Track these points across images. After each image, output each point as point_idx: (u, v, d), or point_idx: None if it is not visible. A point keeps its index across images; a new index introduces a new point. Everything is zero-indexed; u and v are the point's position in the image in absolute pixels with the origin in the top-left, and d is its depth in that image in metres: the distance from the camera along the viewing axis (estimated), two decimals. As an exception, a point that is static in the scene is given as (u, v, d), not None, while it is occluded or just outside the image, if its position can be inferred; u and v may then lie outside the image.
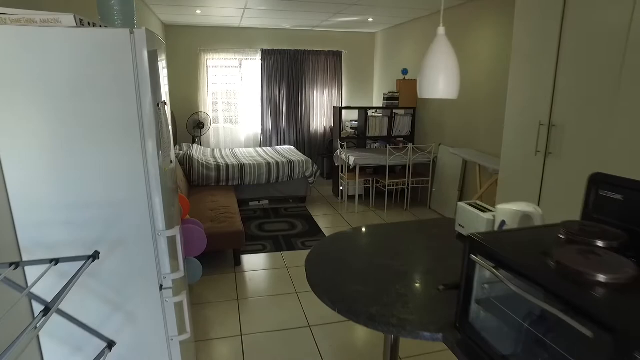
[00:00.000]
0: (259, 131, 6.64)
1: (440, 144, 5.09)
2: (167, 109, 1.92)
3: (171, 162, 1.93)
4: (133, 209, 1.56)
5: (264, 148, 6.17)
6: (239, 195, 5.17)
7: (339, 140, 5.35)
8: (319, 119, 6.82)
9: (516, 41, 2.93)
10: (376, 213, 5.08)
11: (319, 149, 6.92)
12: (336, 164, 5.50)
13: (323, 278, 1.51)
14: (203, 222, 3.62)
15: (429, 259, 1.66)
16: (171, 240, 1.69)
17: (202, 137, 6.41)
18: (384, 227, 2.10)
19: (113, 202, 1.53)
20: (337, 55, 6.65)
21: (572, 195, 2.58)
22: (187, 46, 6.18)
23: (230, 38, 6.31)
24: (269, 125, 6.61)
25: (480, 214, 1.72)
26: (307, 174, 5.27)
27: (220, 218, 3.72)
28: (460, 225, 1.88)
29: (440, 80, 1.38)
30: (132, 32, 1.43)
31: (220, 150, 5.99)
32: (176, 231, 1.68)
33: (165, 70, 1.97)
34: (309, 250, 1.89)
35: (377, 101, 6.93)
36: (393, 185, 5.23)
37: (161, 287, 1.68)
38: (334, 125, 5.67)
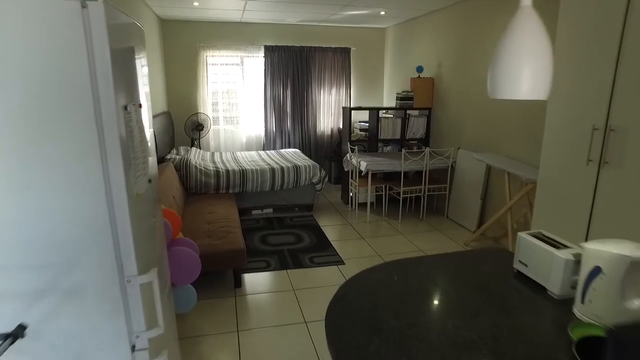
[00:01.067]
0: (262, 133, 6.24)
1: (459, 148, 4.67)
2: (145, 112, 1.50)
3: (149, 181, 1.51)
4: (90, 250, 1.15)
5: (267, 151, 5.77)
6: (240, 203, 4.76)
7: (348, 143, 4.93)
8: (326, 120, 6.40)
9: (561, 36, 2.50)
10: (389, 223, 4.66)
11: (326, 151, 6.51)
12: (345, 169, 5.08)
13: (349, 345, 1.10)
14: (199, 238, 3.21)
15: (486, 315, 1.24)
16: (146, 288, 1.27)
17: (201, 139, 6.01)
18: (419, 262, 1.68)
19: (61, 243, 1.12)
20: (346, 51, 6.24)
21: (636, 212, 2.15)
22: (185, 42, 5.78)
23: (231, 34, 5.90)
24: (273, 126, 6.20)
25: (556, 252, 1.30)
26: (314, 181, 4.85)
27: (219, 233, 3.32)
28: (521, 262, 1.46)
29: (524, 74, 0.95)
30: (84, 6, 1.02)
31: (221, 154, 5.58)
32: (152, 275, 1.27)
33: (144, 62, 1.56)
34: (319, 268, 1.47)
35: (387, 101, 6.51)
36: (408, 193, 4.81)
37: (133, 348, 1.27)
38: (343, 127, 5.25)
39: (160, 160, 4.52)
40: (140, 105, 1.41)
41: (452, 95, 4.78)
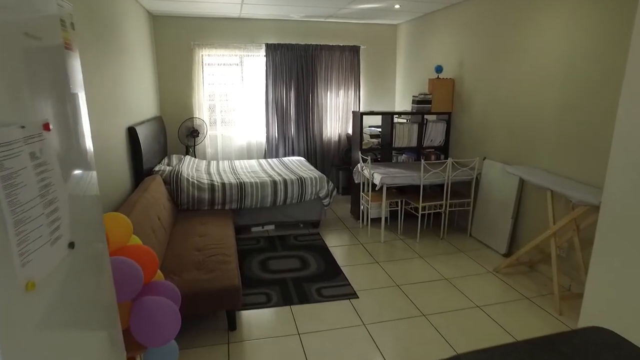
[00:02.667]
0: (264, 140, 5.72)
1: (484, 158, 4.13)
2: (68, 134, 0.98)
3: (70, 245, 0.99)
4: None
5: (269, 160, 5.25)
6: (239, 220, 4.25)
7: (359, 152, 4.41)
8: (333, 125, 5.88)
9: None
10: (406, 243, 4.13)
11: (333, 159, 5.99)
12: (356, 181, 4.56)
13: None
14: (185, 271, 2.70)
15: None
16: None
17: (196, 147, 5.50)
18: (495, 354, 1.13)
19: None
20: (354, 50, 5.71)
21: None
22: (178, 40, 5.27)
23: (229, 31, 5.39)
24: (275, 132, 5.68)
25: None
26: (321, 195, 4.33)
27: (210, 264, 2.80)
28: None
29: None
30: None
31: (218, 163, 5.07)
32: None
33: (73, 57, 1.04)
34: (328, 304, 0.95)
35: (400, 104, 5.98)
36: (427, 209, 4.28)
37: None
38: (354, 134, 4.72)
39: (148, 172, 4.01)
40: (47, 127, 0.89)
41: (476, 98, 4.24)
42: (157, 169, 4.12)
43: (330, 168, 5.99)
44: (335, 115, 5.86)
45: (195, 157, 5.38)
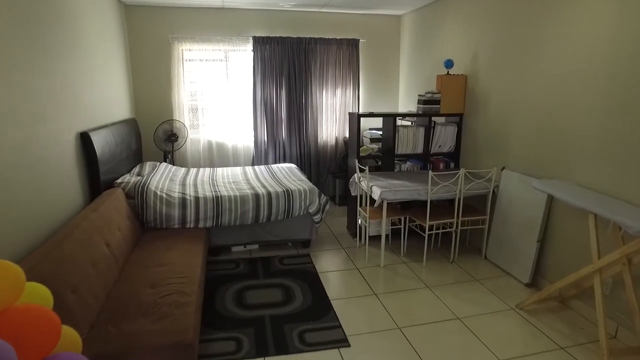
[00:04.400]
0: (251, 144, 5.13)
1: (503, 168, 3.51)
2: None
3: None
4: None
5: (256, 167, 4.67)
6: (216, 238, 3.67)
7: (356, 160, 3.80)
8: (329, 128, 5.28)
9: None
10: (410, 267, 3.52)
11: (329, 165, 5.39)
12: (352, 193, 3.96)
13: None
14: (127, 319, 2.11)
15: None
16: None
17: (175, 152, 4.92)
18: None
19: None
20: (353, 44, 5.10)
21: None
22: (155, 33, 4.70)
23: (212, 22, 4.81)
24: (264, 136, 5.09)
25: None
26: (311, 210, 3.73)
27: (163, 307, 2.22)
28: None
29: None
30: None
31: (198, 171, 4.49)
32: None
33: None
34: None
35: (404, 104, 5.37)
36: (434, 228, 3.68)
37: None
38: (350, 139, 4.12)
39: (108, 184, 3.44)
40: None
41: (492, 98, 3.62)
42: (119, 180, 3.54)
43: (326, 176, 5.39)
44: (332, 117, 5.25)
45: (173, 163, 4.80)
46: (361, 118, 3.93)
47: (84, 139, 3.10)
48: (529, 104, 3.19)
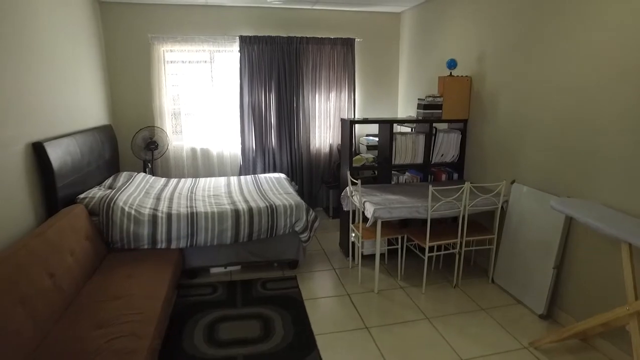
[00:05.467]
0: (239, 152, 4.76)
1: (513, 182, 3.11)
2: None
3: None
4: None
5: (242, 177, 4.29)
6: (192, 259, 3.29)
7: (348, 172, 3.41)
8: (323, 134, 4.90)
9: None
10: (407, 293, 3.13)
11: (323, 175, 5.00)
12: (345, 208, 3.57)
13: None
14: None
15: None
16: None
17: (155, 161, 4.56)
18: None
19: None
20: (348, 44, 4.73)
21: None
22: (133, 33, 4.35)
23: (195, 21, 4.45)
24: (252, 143, 4.72)
25: None
26: (297, 228, 3.34)
27: (107, 356, 1.84)
28: None
29: None
30: None
31: (178, 183, 4.12)
32: None
33: None
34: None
35: (404, 109, 4.98)
36: (435, 250, 3.28)
37: None
38: (343, 147, 3.74)
39: (70, 200, 3.08)
40: None
41: (501, 101, 3.22)
42: (82, 195, 3.18)
43: (319, 186, 5.01)
44: (325, 122, 4.87)
45: (153, 174, 4.44)
46: (355, 124, 3.55)
47: (37, 150, 2.74)
48: (545, 109, 2.79)
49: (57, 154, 2.89)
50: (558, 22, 2.63)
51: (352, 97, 4.85)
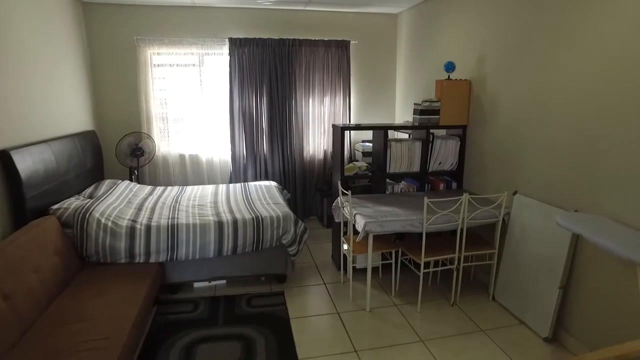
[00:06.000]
0: (229, 158, 4.57)
1: (515, 193, 2.90)
2: None
3: None
4: None
5: (231, 186, 4.11)
6: (174, 274, 3.10)
7: (339, 182, 3.22)
8: (317, 140, 4.71)
9: None
10: (402, 311, 2.92)
11: (317, 182, 4.80)
12: (336, 220, 3.37)
13: None
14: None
15: None
16: None
17: (142, 168, 4.38)
18: None
19: None
20: (343, 46, 4.54)
21: None
22: (119, 35, 4.18)
23: (183, 23, 4.28)
24: (243, 149, 4.53)
25: None
26: (284, 241, 3.14)
27: (54, 392, 1.65)
28: None
29: None
30: None
31: (164, 191, 3.94)
32: None
33: None
34: None
35: (401, 114, 4.78)
36: (432, 266, 3.07)
37: None
38: (334, 154, 3.55)
39: (42, 211, 2.90)
40: None
41: (502, 107, 3.02)
42: (56, 206, 3.00)
43: (313, 193, 4.81)
44: (319, 127, 4.68)
45: (137, 182, 4.25)
46: (350, 131, 3.36)
47: (3, 159, 2.57)
48: (550, 114, 2.58)
49: (26, 162, 2.71)
50: (562, 21, 2.43)
51: (347, 101, 4.66)
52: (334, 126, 3.50)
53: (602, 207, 2.22)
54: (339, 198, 3.20)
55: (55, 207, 2.98)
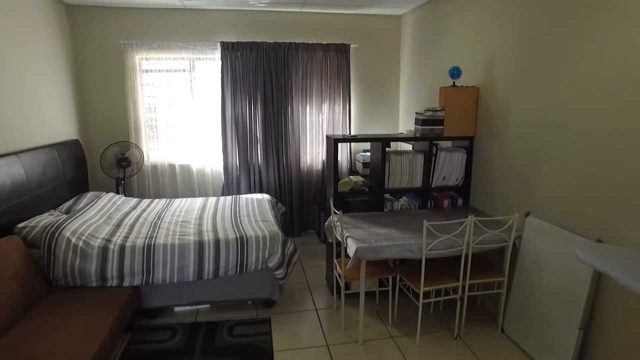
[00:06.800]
0: (222, 169, 4.32)
1: (527, 214, 2.58)
2: None
3: None
4: None
5: (221, 198, 3.86)
6: (152, 297, 2.85)
7: (331, 200, 2.93)
8: (315, 150, 4.44)
9: None
10: (398, 345, 2.61)
11: (315, 195, 4.53)
12: (329, 239, 3.09)
13: None
14: None
15: None
16: None
17: (129, 179, 4.16)
18: None
19: None
20: (342, 50, 4.27)
21: None
22: (105, 39, 3.98)
23: (171, 25, 4.06)
24: (235, 159, 4.28)
25: None
26: (271, 264, 2.87)
27: None
28: None
29: None
30: None
31: (149, 205, 3.70)
32: None
33: None
34: None
35: (405, 124, 4.49)
36: (432, 295, 2.77)
37: None
38: (328, 168, 3.26)
39: (6, 230, 2.68)
40: None
41: (514, 116, 2.71)
42: (22, 224, 2.77)
43: (311, 206, 4.53)
44: (317, 137, 4.41)
45: (124, 194, 4.02)
46: (350, 142, 3.08)
47: (-41, 175, 2.35)
48: (569, 126, 2.27)
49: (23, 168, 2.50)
50: (587, 21, 2.12)
51: (347, 109, 4.38)
52: (327, 137, 3.22)
53: (631, 237, 1.90)
54: (331, 217, 2.91)
55: (21, 225, 2.76)
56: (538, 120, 2.48)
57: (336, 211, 2.70)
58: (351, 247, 2.45)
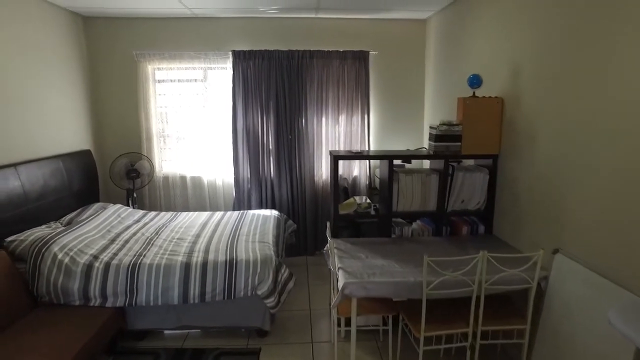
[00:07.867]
0: (232, 182, 4.16)
1: (556, 251, 2.15)
2: None
3: None
4: None
5: (227, 214, 3.70)
6: (137, 319, 2.70)
7: (328, 224, 2.65)
8: (331, 164, 4.15)
9: None
10: (399, 395, 2.25)
11: (330, 211, 4.23)
12: (328, 266, 2.79)
13: None
14: None
15: None
16: None
17: (140, 190, 4.10)
18: None
19: None
20: (361, 58, 3.98)
21: None
22: (119, 49, 3.97)
23: (183, 35, 3.98)
24: (247, 173, 4.10)
25: None
26: (260, 292, 2.62)
27: None
28: None
29: None
30: None
31: (153, 218, 3.61)
32: None
33: None
34: None
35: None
36: (434, 342, 2.39)
37: None
38: (332, 188, 2.97)
39: (-3, 243, 2.65)
40: None
41: (544, 132, 2.29)
42: (11, 238, 2.73)
43: (325, 224, 4.24)
44: (334, 149, 4.13)
45: (134, 205, 3.97)
46: (350, 159, 2.79)
47: (-55, 188, 2.33)
48: (610, 146, 1.84)
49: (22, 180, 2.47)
50: (630, 20, 1.70)
51: (366, 121, 4.07)
52: (331, 152, 2.93)
53: (685, 296, 1.46)
54: (329, 243, 2.62)
55: (10, 238, 2.72)
56: (572, 138, 2.06)
57: (329, 237, 2.40)
58: (341, 280, 2.15)
